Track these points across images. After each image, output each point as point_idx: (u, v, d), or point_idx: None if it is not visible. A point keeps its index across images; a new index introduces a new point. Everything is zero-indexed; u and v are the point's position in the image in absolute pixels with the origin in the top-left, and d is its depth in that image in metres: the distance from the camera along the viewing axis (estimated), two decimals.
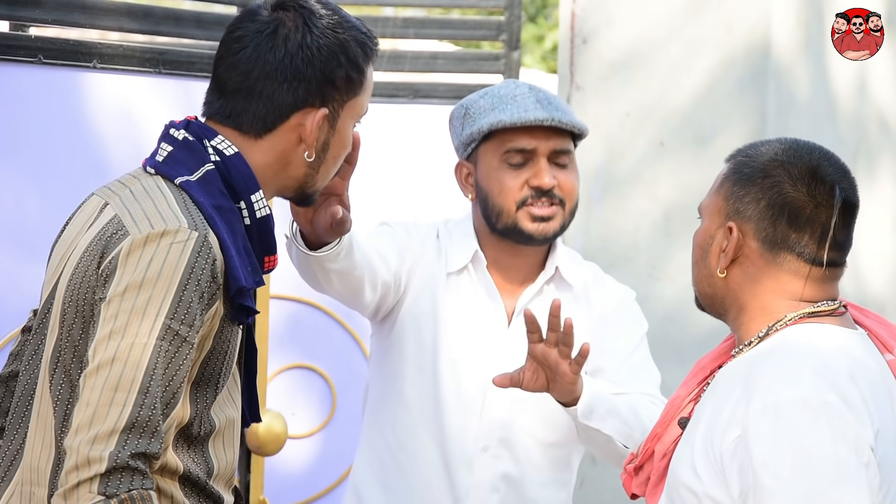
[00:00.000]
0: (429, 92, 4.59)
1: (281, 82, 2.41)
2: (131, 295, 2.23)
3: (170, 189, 2.36)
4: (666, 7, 5.03)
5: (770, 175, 2.42)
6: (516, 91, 3.18)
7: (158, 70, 3.78)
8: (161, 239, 2.26)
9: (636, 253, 5.04)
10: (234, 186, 2.39)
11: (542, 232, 3.16)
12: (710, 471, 2.32)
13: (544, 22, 15.83)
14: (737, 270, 2.43)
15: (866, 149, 5.19)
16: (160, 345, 2.23)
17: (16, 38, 3.55)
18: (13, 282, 3.46)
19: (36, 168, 3.53)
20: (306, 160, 2.44)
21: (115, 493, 2.17)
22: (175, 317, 2.24)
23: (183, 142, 2.41)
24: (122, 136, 3.72)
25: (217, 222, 2.33)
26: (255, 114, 2.42)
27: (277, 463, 4.25)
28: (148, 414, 2.20)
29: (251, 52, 2.42)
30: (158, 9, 3.88)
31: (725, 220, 2.43)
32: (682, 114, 5.01)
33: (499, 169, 3.17)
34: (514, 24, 4.73)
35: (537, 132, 3.15)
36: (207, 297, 2.28)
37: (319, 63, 2.41)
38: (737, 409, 2.31)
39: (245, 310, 2.36)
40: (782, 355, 2.34)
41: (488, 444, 3.18)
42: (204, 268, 2.27)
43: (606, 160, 5.12)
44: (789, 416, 2.25)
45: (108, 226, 2.34)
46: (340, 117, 2.45)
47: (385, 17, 5.18)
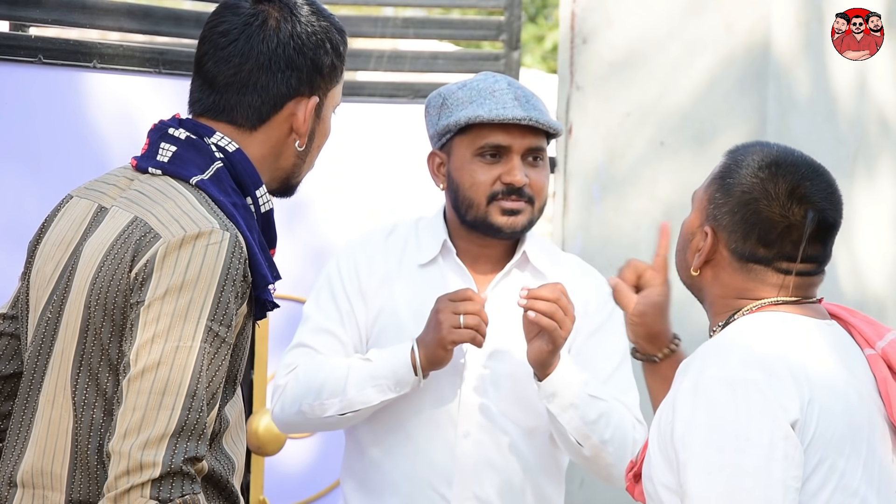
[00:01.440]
0: (429, 92, 4.57)
1: (275, 72, 2.41)
2: (172, 298, 2.24)
3: (187, 189, 2.36)
4: (666, 7, 5.03)
5: (748, 191, 2.45)
6: (495, 86, 3.19)
7: (158, 70, 3.79)
8: (196, 241, 2.26)
9: (636, 253, 5.04)
10: (241, 183, 2.40)
11: (511, 225, 3.18)
12: (661, 458, 2.36)
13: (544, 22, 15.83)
14: (709, 271, 2.49)
15: (866, 149, 5.19)
16: (204, 347, 2.23)
17: (16, 38, 3.55)
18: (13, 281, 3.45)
19: (36, 168, 3.53)
20: (297, 150, 2.45)
21: (169, 497, 2.17)
22: (215, 318, 2.25)
23: (186, 141, 2.41)
24: (122, 135, 3.72)
25: (238, 220, 2.34)
26: (250, 105, 2.42)
27: (277, 463, 4.25)
28: (196, 417, 2.21)
29: (243, 45, 2.42)
30: (158, 9, 3.89)
31: (705, 221, 2.48)
32: (681, 114, 5.01)
33: (472, 162, 3.19)
34: (514, 24, 4.73)
35: (513, 130, 3.16)
36: (242, 296, 2.30)
37: (309, 51, 2.42)
38: (674, 395, 2.36)
39: (265, 305, 2.38)
40: (720, 339, 2.40)
41: (469, 429, 3.19)
42: (238, 268, 2.28)
43: (606, 160, 5.12)
44: (708, 391, 2.30)
45: (132, 229, 2.32)
46: (325, 106, 2.47)
47: (385, 17, 5.18)
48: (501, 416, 3.20)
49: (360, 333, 3.26)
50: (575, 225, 5.16)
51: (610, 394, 3.16)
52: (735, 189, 2.46)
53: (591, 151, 5.09)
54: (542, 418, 3.19)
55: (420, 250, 3.27)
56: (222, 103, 2.43)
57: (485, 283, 3.25)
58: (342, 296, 3.27)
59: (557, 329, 3.03)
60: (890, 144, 5.29)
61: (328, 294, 3.29)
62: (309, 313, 3.31)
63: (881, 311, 5.25)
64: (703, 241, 2.47)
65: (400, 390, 3.13)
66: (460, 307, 3.08)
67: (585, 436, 3.09)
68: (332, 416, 3.17)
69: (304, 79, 2.42)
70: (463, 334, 3.07)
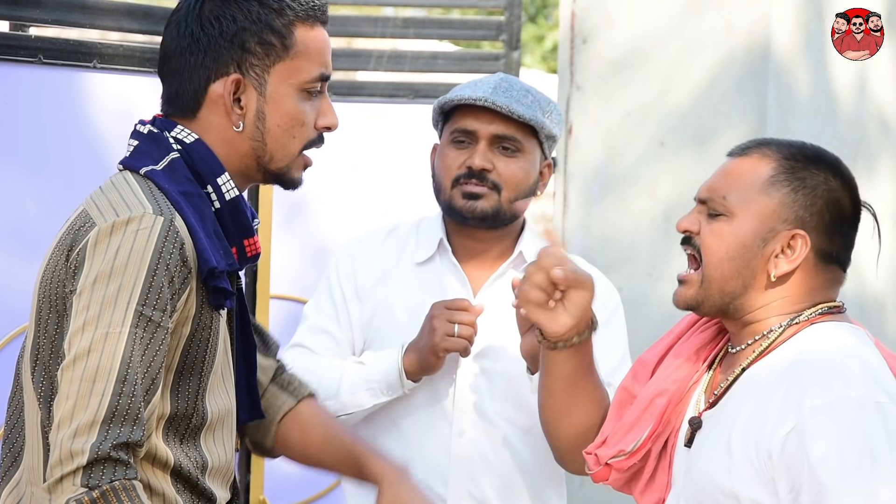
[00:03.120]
0: (429, 92, 4.59)
1: (189, 56, 2.41)
2: (101, 285, 2.23)
3: (135, 179, 2.37)
4: (666, 7, 5.03)
5: (834, 189, 2.45)
6: (489, 77, 3.23)
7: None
8: (127, 226, 2.26)
9: (636, 253, 5.04)
10: (199, 172, 2.39)
11: (470, 209, 3.17)
12: (751, 473, 2.32)
13: (544, 22, 15.83)
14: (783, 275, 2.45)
15: (866, 149, 5.19)
16: (134, 332, 2.23)
17: (16, 38, 3.55)
18: (13, 281, 3.46)
19: (36, 168, 3.53)
20: (238, 132, 2.41)
21: (98, 484, 2.18)
22: (147, 303, 2.24)
23: (148, 135, 2.43)
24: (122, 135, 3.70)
25: (184, 207, 2.33)
26: (178, 93, 2.43)
27: (277, 463, 4.25)
28: (127, 402, 2.20)
29: (168, 35, 2.45)
30: (158, 9, 3.88)
31: (784, 225, 2.43)
32: (681, 113, 5.01)
33: (445, 147, 3.23)
34: (514, 24, 4.73)
35: (482, 115, 3.17)
36: (178, 280, 2.28)
37: (222, 29, 2.39)
38: (785, 406, 2.31)
39: (221, 292, 2.36)
40: (826, 354, 2.36)
41: (463, 428, 3.19)
42: (172, 252, 2.27)
43: (606, 160, 5.12)
44: (846, 415, 2.27)
45: (77, 220, 2.35)
46: (269, 83, 2.41)
47: (385, 17, 5.18)
48: (496, 415, 3.20)
49: (356, 332, 3.26)
50: (575, 225, 5.16)
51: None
52: (819, 188, 2.44)
53: (591, 151, 5.09)
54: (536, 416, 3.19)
55: (418, 249, 3.28)
56: (166, 96, 2.46)
57: (480, 281, 3.25)
58: (339, 295, 3.27)
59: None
60: (890, 144, 5.29)
61: (326, 293, 3.30)
62: (308, 313, 3.32)
63: (881, 311, 5.25)
64: (790, 248, 2.43)
65: (392, 394, 3.13)
66: (455, 316, 3.08)
67: None
68: None
69: (223, 58, 2.39)
70: (456, 343, 3.07)
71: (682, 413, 2.54)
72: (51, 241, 2.53)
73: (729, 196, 2.46)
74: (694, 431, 2.47)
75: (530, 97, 3.19)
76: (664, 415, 2.53)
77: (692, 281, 2.49)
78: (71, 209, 2.55)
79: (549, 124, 3.20)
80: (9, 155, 3.49)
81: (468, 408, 3.19)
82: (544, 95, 3.24)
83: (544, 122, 3.18)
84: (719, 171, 2.52)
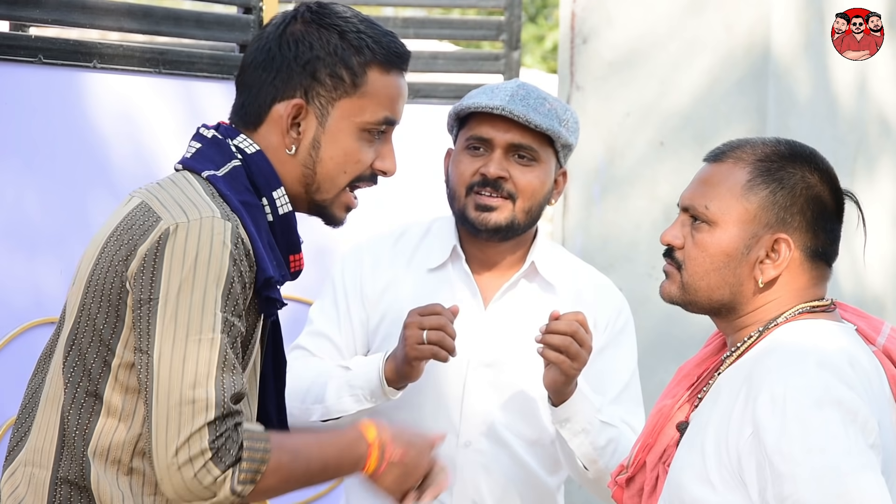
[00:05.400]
0: (429, 92, 4.59)
1: (262, 72, 2.42)
2: (186, 292, 2.25)
3: (197, 181, 2.38)
4: (665, 7, 5.04)
5: (811, 185, 2.42)
6: (506, 84, 3.20)
7: (158, 70, 3.79)
8: (201, 230, 2.27)
9: (636, 253, 5.04)
10: (256, 183, 2.41)
11: (482, 221, 3.15)
12: (724, 477, 2.32)
13: (544, 22, 15.83)
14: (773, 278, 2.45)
15: (866, 149, 5.19)
16: (223, 337, 2.26)
17: (16, 38, 3.55)
18: (13, 280, 3.46)
19: (36, 168, 3.53)
20: (292, 157, 2.43)
21: (239, 456, 2.24)
22: (226, 307, 2.27)
23: (212, 139, 2.44)
24: (122, 135, 3.72)
25: (244, 216, 2.35)
26: (245, 105, 2.45)
27: None
28: (222, 396, 2.25)
29: (251, 48, 2.47)
30: (158, 9, 3.89)
31: (766, 230, 2.42)
32: (681, 113, 5.01)
33: (460, 154, 3.19)
34: (514, 24, 4.73)
35: (498, 123, 3.15)
36: (248, 286, 2.31)
37: (297, 54, 2.41)
38: (745, 407, 2.31)
39: (271, 302, 2.38)
40: (784, 351, 2.35)
41: (470, 439, 3.18)
42: (243, 258, 2.30)
43: (606, 160, 5.12)
44: (796, 402, 2.27)
45: (135, 213, 2.34)
46: (331, 116, 2.44)
47: (385, 17, 5.19)
48: (503, 427, 3.19)
49: (358, 338, 3.24)
50: (575, 225, 5.16)
51: (617, 414, 3.13)
52: (798, 187, 2.42)
53: (591, 151, 5.09)
54: (545, 430, 3.18)
55: (430, 254, 3.25)
56: (236, 106, 2.47)
57: (491, 291, 3.22)
58: (343, 301, 3.25)
59: (567, 362, 2.96)
60: (890, 144, 5.30)
61: (331, 297, 3.28)
62: (312, 316, 3.30)
63: (881, 311, 5.25)
64: (775, 252, 2.42)
65: (375, 401, 3.10)
66: (425, 322, 3.02)
67: (593, 461, 3.06)
68: (315, 423, 3.16)
69: (293, 81, 2.41)
70: (423, 351, 3.00)
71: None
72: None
73: (710, 205, 2.45)
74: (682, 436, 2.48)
75: (547, 105, 3.16)
76: (655, 427, 2.54)
77: (674, 277, 2.51)
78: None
79: (565, 133, 3.18)
80: (9, 155, 3.49)
81: (475, 418, 3.18)
82: (562, 103, 3.21)
83: (561, 131, 3.16)
84: (697, 177, 2.51)
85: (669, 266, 2.53)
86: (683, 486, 2.37)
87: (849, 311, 2.54)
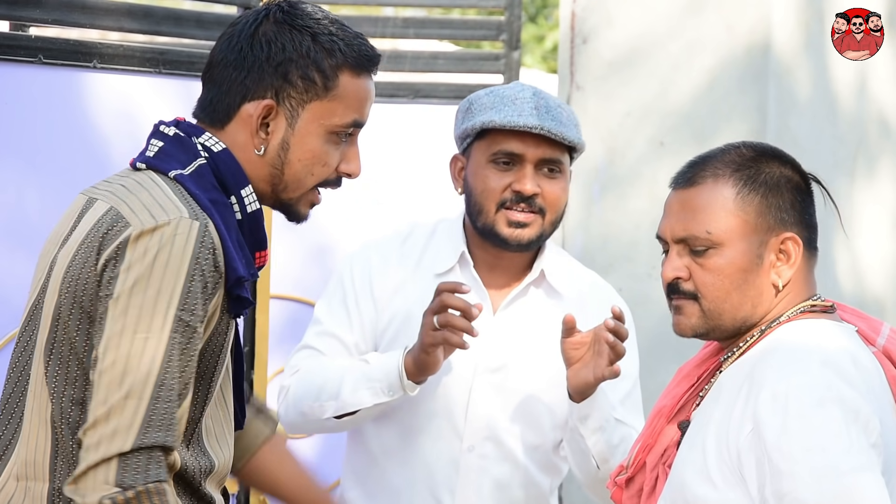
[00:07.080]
0: (429, 92, 4.59)
1: (233, 71, 2.41)
2: (140, 289, 2.24)
3: (164, 182, 2.37)
4: (666, 7, 5.04)
5: (789, 177, 2.45)
6: (519, 94, 3.17)
7: (159, 70, 3.79)
8: (164, 230, 2.27)
9: (636, 253, 5.04)
10: (224, 182, 2.40)
11: (516, 238, 3.14)
12: (725, 474, 2.32)
13: (544, 22, 15.83)
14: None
15: (866, 149, 5.19)
16: (173, 337, 2.24)
17: (16, 38, 3.55)
18: (14, 280, 3.46)
19: (37, 168, 3.53)
20: (259, 156, 2.42)
21: (132, 484, 2.20)
22: (185, 308, 2.26)
23: (174, 137, 2.42)
24: (122, 135, 3.72)
25: (213, 214, 2.34)
26: (212, 101, 2.44)
27: None
28: (164, 407, 2.23)
29: (219, 45, 2.45)
30: (158, 9, 3.88)
31: (769, 233, 2.43)
32: (681, 113, 5.01)
33: (485, 168, 3.17)
34: (514, 24, 4.73)
35: (528, 138, 3.13)
36: (211, 286, 2.29)
37: (269, 54, 2.40)
38: (746, 405, 2.32)
39: (242, 301, 2.37)
40: (786, 350, 2.36)
41: (474, 443, 3.18)
42: (207, 257, 2.28)
43: (606, 159, 5.12)
44: (798, 400, 2.27)
45: (105, 218, 2.34)
46: (300, 118, 2.42)
47: (385, 17, 5.19)
48: (507, 433, 3.19)
49: (368, 338, 3.24)
50: (575, 225, 5.16)
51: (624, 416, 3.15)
52: (781, 182, 2.44)
53: (591, 151, 5.08)
54: (547, 436, 3.19)
55: (437, 259, 3.25)
56: (202, 101, 2.46)
57: (500, 298, 3.23)
58: (352, 300, 3.25)
59: (618, 367, 2.99)
60: (890, 144, 5.29)
61: (339, 297, 3.28)
62: (318, 315, 3.30)
63: (881, 311, 5.25)
64: (786, 252, 2.43)
65: (392, 394, 3.10)
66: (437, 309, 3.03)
67: (605, 459, 3.07)
68: (329, 419, 3.16)
69: (264, 81, 2.40)
70: (435, 336, 3.01)
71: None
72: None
73: (711, 228, 2.45)
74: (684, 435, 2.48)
75: (565, 113, 3.16)
76: (655, 427, 2.54)
77: (689, 309, 2.48)
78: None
79: (584, 141, 3.21)
80: (9, 155, 3.49)
81: (480, 423, 3.18)
82: (566, 105, 3.23)
83: (582, 140, 3.19)
84: (679, 206, 2.49)
85: (681, 300, 2.49)
86: (685, 483, 2.37)
87: (848, 311, 2.55)
